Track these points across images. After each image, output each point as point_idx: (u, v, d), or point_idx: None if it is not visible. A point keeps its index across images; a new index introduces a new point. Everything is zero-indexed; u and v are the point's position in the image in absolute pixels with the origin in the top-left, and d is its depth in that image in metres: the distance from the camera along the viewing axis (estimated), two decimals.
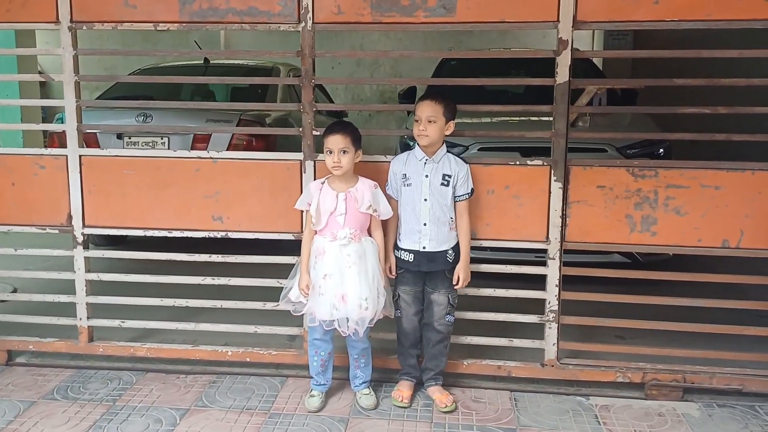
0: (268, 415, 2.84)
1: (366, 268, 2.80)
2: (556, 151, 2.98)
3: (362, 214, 2.82)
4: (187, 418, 2.80)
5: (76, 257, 3.30)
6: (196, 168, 3.20)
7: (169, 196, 3.23)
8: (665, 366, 3.04)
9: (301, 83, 3.09)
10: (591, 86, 3.28)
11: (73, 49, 3.18)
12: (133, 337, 3.46)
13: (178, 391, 3.06)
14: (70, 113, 3.22)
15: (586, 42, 8.94)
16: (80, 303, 3.34)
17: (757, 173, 2.90)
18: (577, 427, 2.75)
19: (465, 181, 2.90)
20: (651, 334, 3.17)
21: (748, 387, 2.99)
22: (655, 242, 2.99)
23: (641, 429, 2.74)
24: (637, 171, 2.97)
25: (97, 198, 3.26)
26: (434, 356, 2.99)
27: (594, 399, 3.01)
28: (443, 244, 2.90)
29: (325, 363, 2.93)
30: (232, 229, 3.23)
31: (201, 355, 3.31)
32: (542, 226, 3.03)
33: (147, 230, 3.28)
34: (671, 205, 2.95)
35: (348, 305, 2.76)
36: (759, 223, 2.90)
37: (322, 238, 2.83)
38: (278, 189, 3.16)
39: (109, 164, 3.25)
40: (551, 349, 3.09)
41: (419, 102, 2.88)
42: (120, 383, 3.14)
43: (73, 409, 2.88)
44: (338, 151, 2.75)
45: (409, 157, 2.95)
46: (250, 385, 3.12)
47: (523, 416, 2.84)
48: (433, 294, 2.94)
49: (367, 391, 2.96)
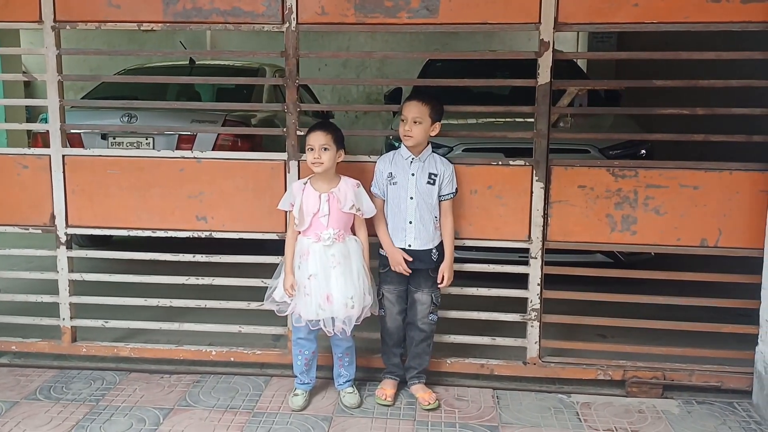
0: (251, 414, 2.85)
1: (351, 268, 2.81)
2: (537, 152, 3.01)
3: (345, 214, 2.83)
4: (171, 418, 2.80)
5: (60, 257, 3.29)
6: (180, 168, 3.21)
7: (153, 197, 3.23)
8: (645, 364, 3.09)
9: (285, 84, 3.11)
10: (572, 87, 3.32)
11: (56, 49, 3.18)
12: (117, 337, 3.45)
13: (161, 390, 3.06)
14: (53, 113, 3.21)
15: (572, 44, 9.01)
16: (63, 303, 3.33)
17: (734, 173, 2.94)
18: (559, 425, 2.78)
19: (450, 181, 2.92)
20: (632, 333, 3.21)
21: (727, 384, 3.04)
22: (635, 241, 3.04)
23: (622, 426, 2.77)
24: (617, 171, 3.00)
25: (81, 198, 3.25)
26: (417, 355, 3.01)
27: (575, 396, 3.04)
28: (428, 243, 2.92)
29: (309, 362, 2.94)
30: (216, 229, 3.23)
31: (185, 355, 3.31)
32: (524, 226, 3.07)
33: (131, 230, 3.27)
34: (651, 204, 2.99)
35: (333, 305, 2.77)
36: (736, 222, 2.95)
37: (306, 239, 2.84)
38: (262, 189, 3.17)
39: (93, 164, 3.25)
40: (533, 348, 3.12)
41: (406, 102, 2.90)
42: (103, 383, 3.13)
43: (56, 409, 2.87)
44: (319, 147, 2.76)
45: (395, 156, 2.97)
46: (234, 385, 3.12)
47: (506, 414, 2.87)
48: (416, 293, 2.96)
49: (351, 390, 2.97)
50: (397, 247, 2.91)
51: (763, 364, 2.86)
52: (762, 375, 2.87)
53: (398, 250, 2.90)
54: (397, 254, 2.89)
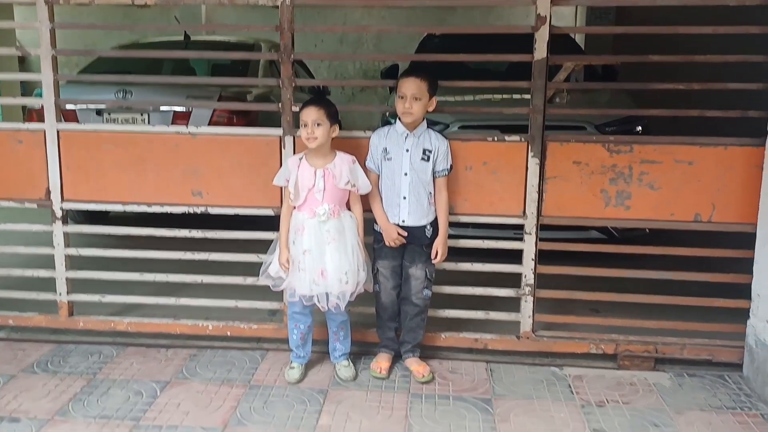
0: (248, 387, 2.88)
1: (345, 243, 2.82)
2: (533, 127, 3.01)
3: (340, 189, 2.83)
4: (168, 390, 2.83)
5: (55, 232, 3.29)
6: (175, 143, 3.20)
7: (147, 172, 3.23)
8: (637, 337, 3.12)
9: (280, 58, 3.09)
10: (569, 63, 3.30)
11: (49, 23, 3.15)
12: (114, 311, 3.48)
13: (158, 364, 3.09)
14: (47, 88, 3.20)
15: (570, 20, 8.97)
16: (60, 278, 3.34)
17: (729, 148, 2.95)
18: (551, 397, 2.82)
19: (445, 157, 2.92)
20: (624, 307, 3.23)
21: (718, 357, 3.08)
22: (629, 216, 3.05)
23: (613, 398, 2.81)
24: (612, 146, 3.01)
25: (76, 173, 3.25)
26: (412, 329, 3.04)
27: (568, 369, 3.07)
28: (422, 219, 2.93)
29: (305, 336, 2.97)
30: (212, 204, 3.23)
31: (181, 329, 3.33)
32: (519, 201, 3.08)
33: (126, 205, 3.28)
34: (645, 180, 3.00)
35: (328, 280, 2.79)
36: (730, 197, 2.96)
37: (301, 215, 2.85)
38: (258, 164, 3.17)
39: (88, 139, 3.24)
40: (527, 322, 3.15)
41: (403, 78, 2.87)
42: (100, 357, 3.16)
43: (54, 382, 2.90)
44: (312, 123, 2.75)
45: (389, 131, 2.96)
46: (231, 358, 3.15)
47: (499, 386, 2.91)
48: (410, 268, 2.98)
49: (346, 363, 3.00)
50: (391, 223, 2.92)
51: (754, 338, 2.89)
52: (753, 348, 2.91)
53: (393, 225, 2.91)
54: (392, 229, 2.91)
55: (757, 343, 2.86)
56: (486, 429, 2.54)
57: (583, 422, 2.61)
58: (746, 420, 2.64)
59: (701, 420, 2.64)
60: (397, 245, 2.93)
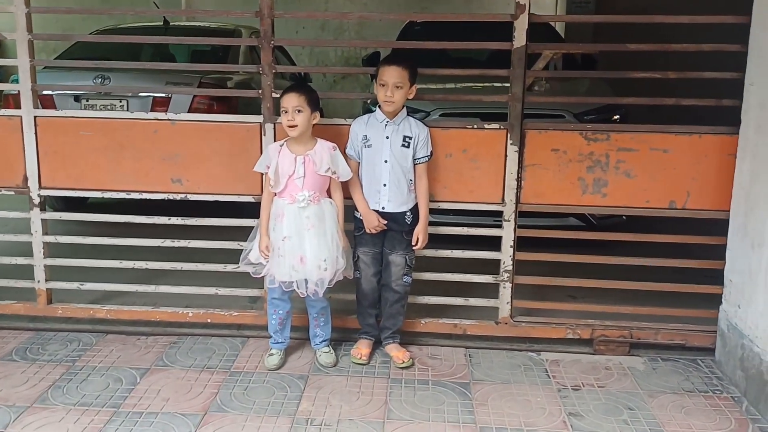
0: (228, 373, 2.89)
1: (325, 230, 2.83)
2: (512, 115, 3.03)
3: (321, 176, 2.84)
4: (148, 377, 2.84)
5: (33, 219, 3.27)
6: (154, 130, 3.18)
7: (126, 158, 3.21)
8: (613, 323, 3.17)
9: (260, 44, 3.08)
10: (547, 51, 3.33)
11: (25, 7, 3.11)
12: (93, 299, 3.46)
13: (138, 351, 3.09)
14: (23, 73, 3.16)
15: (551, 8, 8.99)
16: (38, 265, 3.32)
17: (704, 137, 3.00)
18: (528, 381, 2.86)
19: (425, 144, 2.93)
20: (601, 293, 3.28)
21: (691, 342, 3.14)
22: (606, 203, 3.10)
23: (589, 382, 2.87)
24: (589, 135, 3.04)
25: (54, 159, 3.22)
26: (392, 315, 3.06)
27: (545, 354, 3.12)
28: (402, 206, 2.94)
29: (283, 321, 2.98)
30: (192, 192, 3.23)
31: (161, 316, 3.33)
32: (498, 189, 3.10)
33: (104, 192, 3.26)
34: (621, 168, 3.04)
35: (307, 267, 2.80)
36: (704, 184, 3.01)
37: (281, 201, 2.85)
38: (238, 151, 3.16)
39: (65, 125, 3.21)
40: (505, 308, 3.19)
41: (385, 66, 2.86)
42: (80, 344, 3.15)
43: (32, 369, 2.89)
44: (293, 109, 2.75)
45: (370, 119, 2.97)
46: (211, 345, 3.16)
47: (477, 371, 2.95)
48: (390, 255, 3.00)
49: (327, 350, 3.02)
50: (371, 210, 2.93)
51: (726, 322, 2.96)
52: (725, 333, 2.97)
53: (373, 212, 2.93)
54: (372, 216, 2.92)
55: (729, 327, 2.93)
56: (464, 413, 2.58)
57: (560, 406, 2.65)
58: (718, 403, 2.71)
59: (674, 403, 2.69)
60: (377, 232, 2.94)
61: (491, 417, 2.55)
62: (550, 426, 2.50)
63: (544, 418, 2.56)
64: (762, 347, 2.62)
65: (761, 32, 2.75)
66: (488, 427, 2.48)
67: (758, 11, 2.77)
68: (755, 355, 2.66)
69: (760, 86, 2.74)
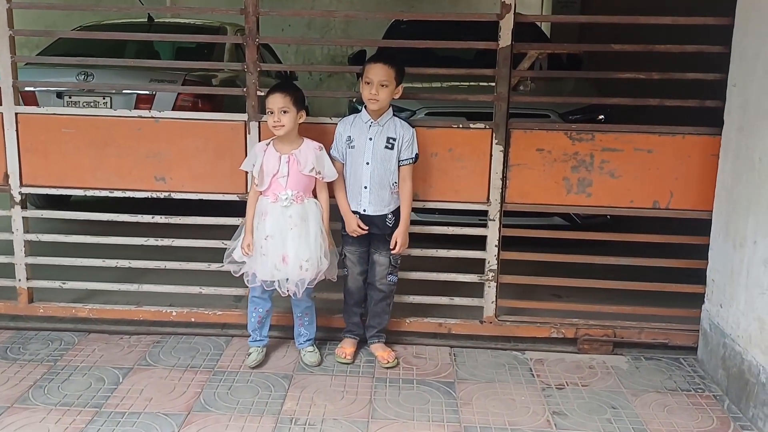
0: (212, 372, 2.87)
1: (308, 230, 2.82)
2: (497, 115, 3.04)
3: (305, 176, 2.82)
4: (130, 377, 2.81)
5: (14, 217, 3.23)
6: (138, 128, 3.16)
7: (109, 156, 3.18)
8: (597, 322, 3.19)
9: (245, 42, 3.06)
10: (533, 51, 3.34)
11: (6, 2, 3.07)
12: (75, 298, 3.42)
13: (121, 351, 3.06)
14: (4, 69, 3.12)
15: (536, 8, 9.03)
16: (19, 264, 3.28)
17: (687, 137, 3.02)
18: (512, 380, 2.87)
19: (410, 145, 2.91)
20: (585, 293, 3.30)
21: (674, 341, 3.17)
22: (590, 203, 3.11)
23: (573, 381, 2.88)
24: (574, 134, 3.06)
25: (35, 157, 3.18)
26: (377, 314, 3.06)
27: (529, 353, 3.14)
28: (383, 209, 2.93)
29: (263, 320, 2.97)
30: (176, 190, 3.20)
31: (145, 315, 3.30)
32: (483, 188, 3.11)
33: (87, 190, 3.23)
34: (606, 168, 3.06)
35: (288, 266, 2.79)
36: (687, 184, 3.04)
37: (265, 199, 2.84)
38: (222, 150, 3.14)
39: (47, 122, 3.18)
40: (490, 307, 3.20)
41: (370, 64, 2.84)
42: (61, 344, 3.12)
43: (13, 369, 2.85)
44: (278, 110, 2.74)
45: (355, 119, 2.96)
46: (195, 345, 3.14)
47: (462, 370, 2.95)
48: (375, 254, 2.99)
49: (311, 349, 3.01)
50: (352, 212, 2.92)
51: (708, 322, 2.98)
52: (707, 332, 3.00)
53: (353, 215, 2.91)
54: (352, 219, 2.91)
55: (711, 327, 2.95)
56: (448, 412, 2.58)
57: (544, 405, 2.66)
58: (700, 401, 2.73)
59: (657, 402, 2.72)
60: (357, 236, 2.93)
61: (476, 416, 2.56)
62: (534, 425, 2.51)
63: (528, 417, 2.56)
64: (743, 346, 2.65)
65: (743, 34, 2.77)
66: (473, 426, 2.49)
67: (741, 13, 2.80)
68: (737, 354, 2.69)
69: (742, 87, 2.77)
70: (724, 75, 2.92)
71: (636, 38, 3.07)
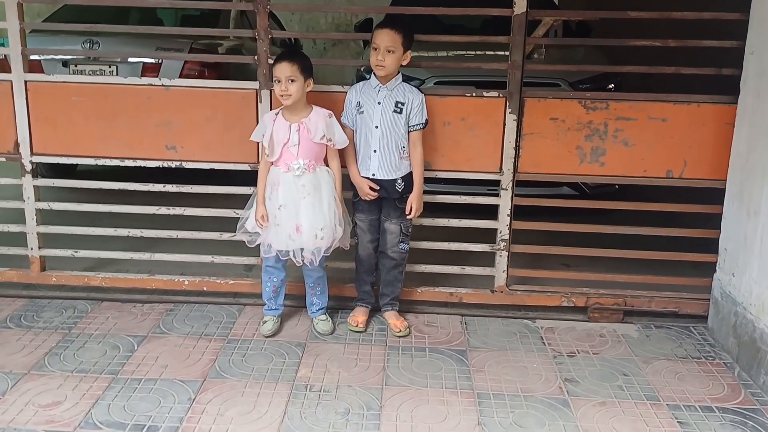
0: (226, 340, 2.89)
1: (321, 199, 2.81)
2: (511, 83, 3.01)
3: (316, 144, 2.81)
4: (145, 345, 2.83)
5: (25, 186, 3.22)
6: (148, 96, 3.13)
7: (119, 125, 3.16)
8: (607, 291, 3.20)
9: (256, 9, 3.02)
10: (548, 18, 3.29)
11: None
12: (87, 267, 3.44)
13: (134, 319, 3.08)
14: (13, 36, 3.09)
15: None
16: (31, 233, 3.28)
17: (702, 106, 3.00)
18: (524, 348, 2.89)
19: (419, 111, 2.89)
20: (595, 262, 3.31)
21: (684, 309, 3.18)
22: (603, 173, 3.10)
23: (583, 349, 2.90)
24: (588, 103, 3.03)
25: (45, 126, 3.17)
26: (389, 282, 3.07)
27: (540, 322, 3.15)
28: (393, 173, 2.92)
29: (278, 289, 2.99)
30: (187, 159, 3.19)
31: (157, 284, 3.31)
32: (496, 158, 3.09)
33: (98, 159, 3.21)
34: (620, 136, 3.04)
35: (303, 236, 2.79)
36: (701, 153, 3.02)
37: (277, 169, 2.82)
38: (233, 119, 3.12)
39: (57, 91, 3.15)
40: (501, 276, 3.21)
41: (378, 29, 2.82)
42: (75, 312, 3.14)
43: (28, 336, 2.87)
44: (286, 79, 2.71)
45: (364, 85, 2.93)
46: (208, 313, 3.16)
47: (473, 338, 2.97)
48: (386, 222, 2.99)
49: (324, 317, 3.03)
50: (362, 177, 2.91)
51: (720, 290, 2.99)
52: (718, 301, 3.01)
53: (364, 179, 2.91)
54: (363, 183, 2.90)
55: (723, 295, 2.96)
56: (461, 379, 2.61)
57: (555, 372, 2.69)
58: (710, 369, 2.75)
59: (667, 369, 2.74)
60: (373, 199, 2.93)
61: (488, 383, 2.58)
62: (546, 391, 2.53)
63: (540, 384, 2.59)
64: (755, 314, 2.66)
65: (763, 1, 2.73)
66: (486, 392, 2.51)
67: None
68: (748, 322, 2.70)
69: (760, 54, 2.74)
70: (741, 42, 2.88)
71: (645, 6, 3.03)
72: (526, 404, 2.44)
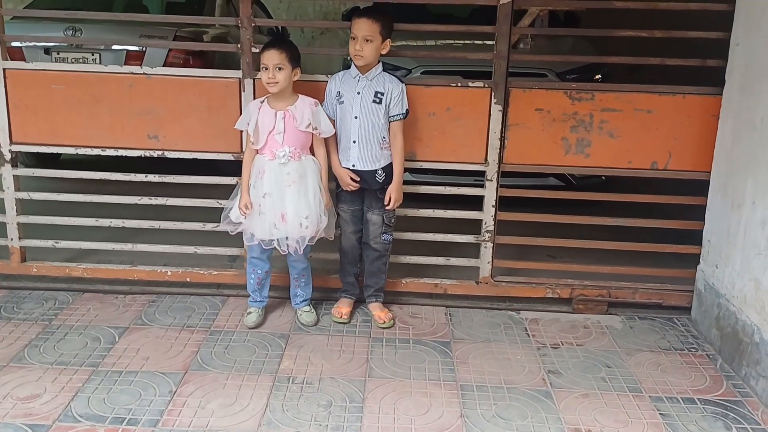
0: (208, 332, 2.87)
1: (306, 187, 2.78)
2: (497, 73, 2.99)
3: (302, 132, 2.78)
4: (126, 336, 2.81)
5: (5, 175, 3.18)
6: (129, 84, 3.09)
7: (101, 113, 3.11)
8: (592, 282, 3.21)
9: None
10: (533, 7, 3.27)
11: None
12: (68, 257, 3.40)
13: (116, 310, 3.05)
14: None
15: None
16: (11, 223, 3.24)
17: (688, 97, 2.99)
18: (508, 339, 2.89)
19: (399, 101, 2.85)
20: (580, 253, 3.31)
21: (668, 301, 3.19)
22: (588, 164, 3.09)
23: (567, 340, 2.90)
24: (574, 94, 3.02)
25: (24, 114, 3.12)
26: (373, 273, 3.05)
27: (524, 313, 3.15)
28: (373, 164, 2.89)
29: (262, 281, 2.96)
30: (169, 148, 3.15)
31: (139, 275, 3.28)
32: (481, 148, 3.08)
33: (78, 148, 3.17)
34: (605, 128, 3.03)
35: (288, 224, 2.76)
36: (686, 145, 3.02)
37: (262, 157, 2.80)
38: (216, 107, 3.08)
39: (36, 78, 3.10)
40: (486, 267, 3.20)
41: (356, 18, 2.78)
42: (56, 303, 3.10)
43: (8, 328, 2.84)
44: (273, 67, 2.68)
45: (345, 75, 2.90)
46: (191, 304, 3.13)
47: (457, 330, 2.97)
48: (368, 213, 2.97)
49: (308, 309, 3.01)
50: (343, 167, 2.89)
51: (703, 282, 3.00)
52: (702, 292, 3.02)
53: (345, 170, 2.88)
54: (344, 174, 2.88)
55: (706, 287, 2.97)
56: (445, 371, 2.60)
57: (539, 364, 2.69)
58: (693, 360, 2.76)
59: (651, 361, 2.74)
60: (355, 190, 2.91)
61: (472, 375, 2.58)
62: (529, 384, 2.53)
63: (523, 376, 2.58)
64: (738, 306, 2.67)
65: None
66: (469, 384, 2.51)
67: None
68: (731, 314, 2.71)
69: (745, 46, 2.73)
70: (726, 34, 2.87)
71: None
72: (509, 396, 2.43)
